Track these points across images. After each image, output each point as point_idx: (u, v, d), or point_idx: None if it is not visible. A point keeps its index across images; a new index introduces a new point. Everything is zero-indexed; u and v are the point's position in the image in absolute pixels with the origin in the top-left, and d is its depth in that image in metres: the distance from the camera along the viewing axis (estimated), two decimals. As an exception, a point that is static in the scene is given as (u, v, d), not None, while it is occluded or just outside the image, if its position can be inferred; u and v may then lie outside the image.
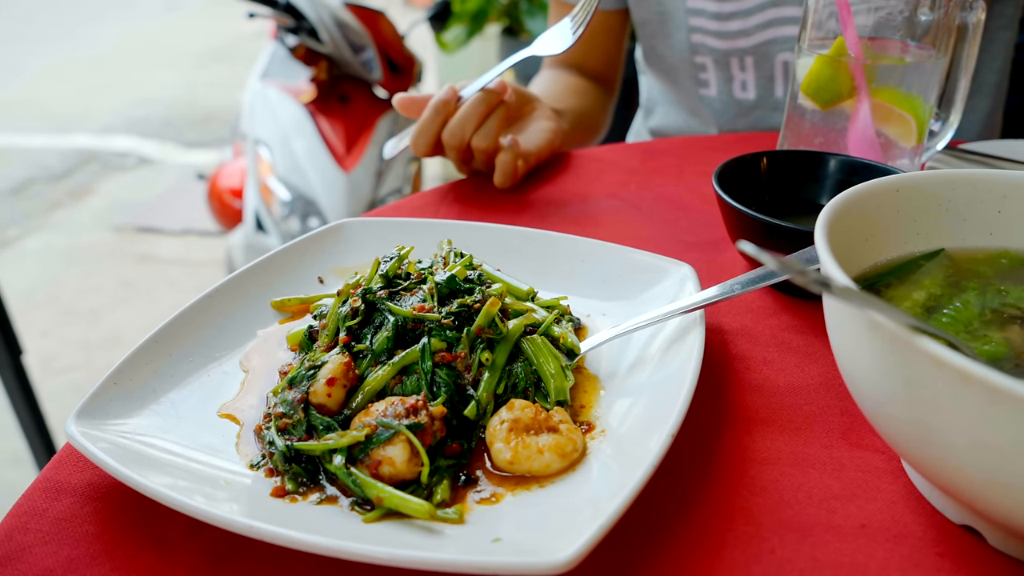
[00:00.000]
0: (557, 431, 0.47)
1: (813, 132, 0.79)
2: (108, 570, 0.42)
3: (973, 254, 0.55)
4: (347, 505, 0.44)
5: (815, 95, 0.76)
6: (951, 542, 0.44)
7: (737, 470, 0.49)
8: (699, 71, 1.15)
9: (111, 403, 0.50)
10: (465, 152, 0.88)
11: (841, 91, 0.74)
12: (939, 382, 0.36)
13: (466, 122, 0.85)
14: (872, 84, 0.73)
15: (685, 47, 1.14)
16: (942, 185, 0.55)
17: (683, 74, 1.17)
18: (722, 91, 1.15)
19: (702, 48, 1.13)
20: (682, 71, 1.16)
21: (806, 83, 0.76)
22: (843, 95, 0.75)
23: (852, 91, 0.74)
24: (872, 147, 0.75)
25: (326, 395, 0.48)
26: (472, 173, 0.94)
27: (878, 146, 0.75)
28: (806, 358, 0.60)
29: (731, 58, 1.11)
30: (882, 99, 0.74)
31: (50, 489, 0.47)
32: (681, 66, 1.16)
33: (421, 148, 0.87)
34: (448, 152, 0.88)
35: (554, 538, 0.39)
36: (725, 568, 0.42)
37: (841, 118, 0.76)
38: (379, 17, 2.37)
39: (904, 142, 0.76)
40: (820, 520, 0.45)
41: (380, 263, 0.56)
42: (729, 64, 1.12)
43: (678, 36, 1.14)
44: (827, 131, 0.78)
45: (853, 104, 0.75)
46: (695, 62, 1.14)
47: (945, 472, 0.39)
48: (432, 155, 0.88)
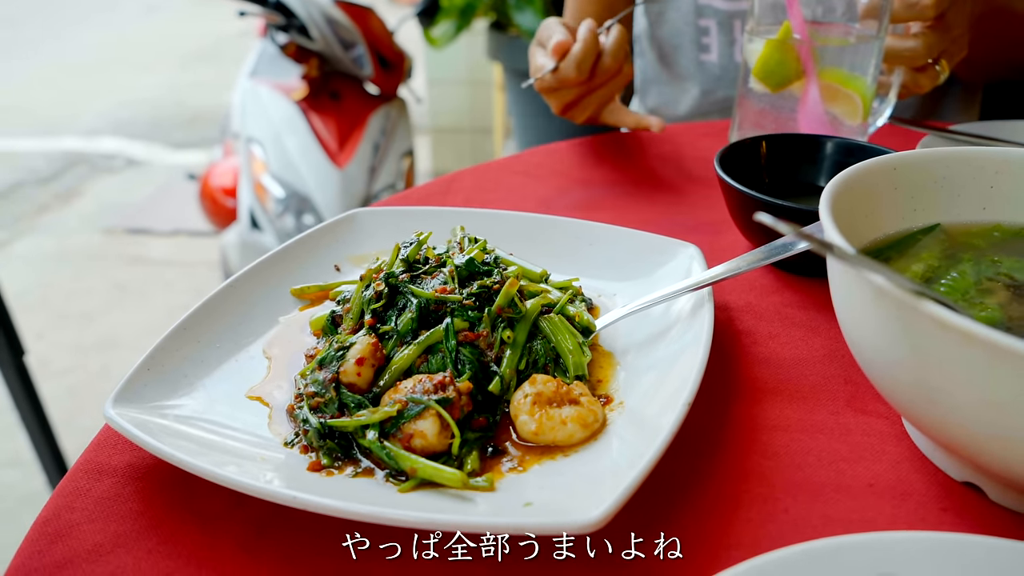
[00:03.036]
0: (578, 403, 0.49)
1: (765, 114, 0.82)
2: (154, 544, 0.44)
3: (968, 228, 0.58)
4: (382, 477, 0.46)
5: (766, 79, 0.79)
6: (953, 498, 0.47)
7: (749, 437, 0.51)
8: (702, 35, 1.19)
9: (146, 387, 0.51)
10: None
11: (790, 74, 0.78)
12: (943, 344, 0.38)
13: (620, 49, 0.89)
14: (819, 65, 0.76)
15: (691, 9, 1.18)
16: (937, 163, 0.58)
17: (686, 39, 1.20)
18: (723, 55, 1.19)
19: (707, 10, 1.16)
20: (685, 36, 1.20)
21: (757, 67, 0.80)
22: (792, 77, 0.78)
23: (800, 73, 0.77)
24: (822, 126, 0.78)
25: (356, 374, 0.50)
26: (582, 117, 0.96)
27: (828, 125, 0.78)
28: (809, 332, 0.62)
29: (735, 20, 1.15)
30: (829, 80, 0.77)
31: (91, 471, 0.49)
32: (685, 31, 1.19)
33: (584, 72, 0.87)
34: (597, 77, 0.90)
35: (581, 501, 0.41)
36: (741, 526, 0.45)
37: (791, 100, 0.80)
38: (369, 14, 2.38)
39: (851, 120, 0.80)
40: (830, 481, 0.48)
41: (400, 248, 0.58)
42: (732, 27, 1.16)
43: (687, 13, 1.18)
44: (779, 112, 0.81)
45: (802, 85, 0.78)
46: (699, 25, 1.18)
47: (949, 430, 0.42)
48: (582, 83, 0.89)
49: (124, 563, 0.43)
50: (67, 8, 7.65)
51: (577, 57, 0.86)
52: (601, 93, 0.93)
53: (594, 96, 0.93)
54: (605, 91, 0.93)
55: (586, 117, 0.96)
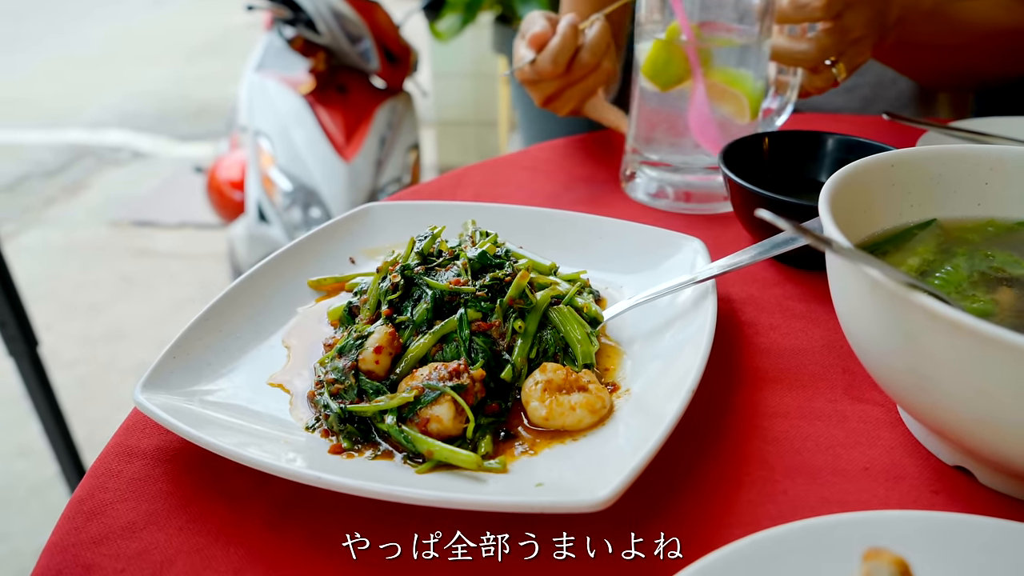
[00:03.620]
0: (587, 390, 0.51)
1: (657, 112, 0.82)
2: (185, 522, 0.46)
3: (963, 223, 0.60)
4: (400, 460, 0.48)
5: (655, 78, 0.80)
6: (945, 481, 0.49)
7: (750, 423, 0.53)
8: None
9: (172, 375, 0.54)
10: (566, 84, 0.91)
11: (678, 73, 0.78)
12: (934, 333, 0.41)
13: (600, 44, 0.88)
14: (706, 65, 0.77)
15: None
16: (933, 160, 0.60)
17: None
18: None
19: None
20: None
21: (646, 67, 0.80)
22: (681, 77, 0.79)
23: (689, 73, 0.78)
24: (711, 125, 0.79)
25: (374, 362, 0.52)
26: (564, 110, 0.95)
27: (716, 125, 0.79)
28: (809, 323, 0.64)
29: None
30: (716, 79, 0.78)
31: (122, 453, 0.51)
32: None
33: (560, 66, 0.87)
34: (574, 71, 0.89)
35: (590, 482, 0.43)
36: (742, 507, 0.47)
37: (681, 99, 0.80)
38: (375, 8, 2.39)
39: (739, 119, 0.80)
40: (827, 464, 0.50)
41: (415, 242, 0.60)
42: None
43: None
44: (670, 111, 0.81)
45: (691, 85, 0.79)
46: None
47: (940, 416, 0.44)
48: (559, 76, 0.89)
49: (156, 539, 0.45)
50: (73, 1, 7.66)
51: (554, 51, 0.87)
52: (582, 87, 0.92)
53: (575, 90, 0.93)
54: (585, 85, 0.92)
55: (568, 110, 0.96)
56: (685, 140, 0.82)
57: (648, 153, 0.83)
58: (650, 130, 0.83)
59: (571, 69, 0.89)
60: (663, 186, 0.83)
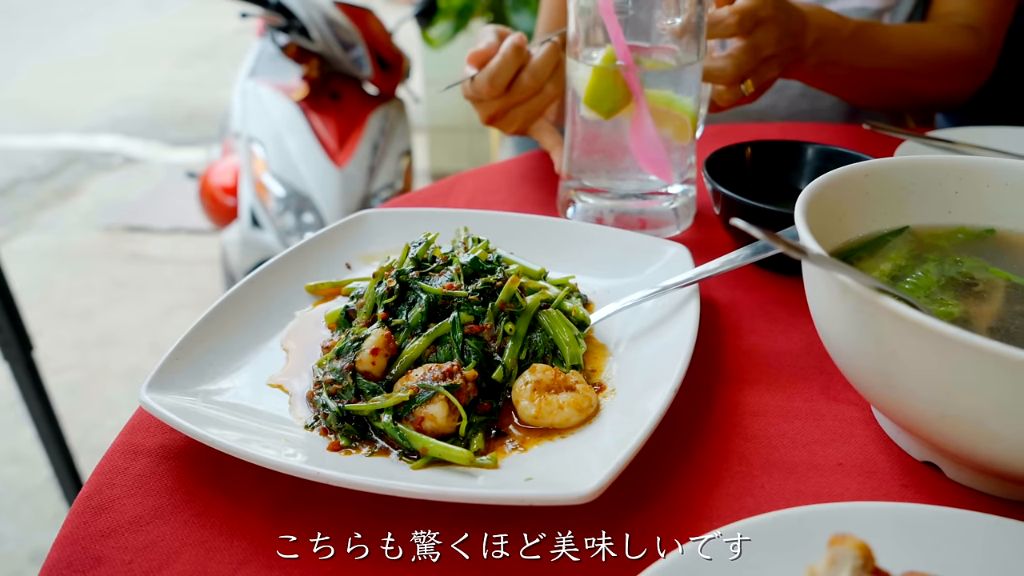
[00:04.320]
0: (574, 390, 0.54)
1: (599, 139, 0.80)
2: (189, 516, 0.48)
3: (934, 230, 0.63)
4: (395, 456, 0.50)
5: (596, 106, 0.77)
6: (914, 475, 0.51)
7: (730, 421, 0.56)
8: None
9: (176, 376, 0.56)
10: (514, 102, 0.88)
11: (620, 99, 0.76)
12: (899, 335, 0.43)
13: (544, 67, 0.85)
14: (645, 89, 0.75)
15: None
16: (906, 171, 0.63)
17: None
18: None
19: None
20: None
21: (587, 96, 0.77)
22: (622, 102, 0.76)
23: (629, 97, 0.76)
24: (656, 148, 0.78)
25: (371, 363, 0.54)
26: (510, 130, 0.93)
27: (661, 146, 0.78)
28: (789, 327, 0.67)
29: None
30: (657, 103, 0.77)
31: (127, 451, 0.53)
32: None
33: (497, 88, 0.85)
34: (514, 94, 0.87)
35: (577, 476, 0.46)
36: (722, 500, 0.49)
37: (624, 124, 0.78)
38: (368, 15, 2.42)
39: (681, 139, 0.79)
40: (803, 460, 0.52)
41: (410, 248, 0.62)
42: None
43: None
44: (612, 137, 0.79)
45: (631, 110, 0.77)
46: None
47: (907, 413, 0.47)
48: (497, 97, 0.87)
49: (163, 532, 0.47)
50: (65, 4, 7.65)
51: (491, 71, 0.84)
52: (526, 108, 0.89)
53: (518, 111, 0.89)
54: (529, 107, 0.89)
55: (513, 130, 0.92)
56: (625, 165, 0.80)
57: (585, 180, 0.82)
58: (587, 156, 0.81)
59: (511, 90, 0.86)
60: (601, 212, 0.81)
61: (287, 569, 0.45)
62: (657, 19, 0.76)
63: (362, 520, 0.47)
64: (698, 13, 0.75)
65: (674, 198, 0.81)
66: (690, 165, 0.81)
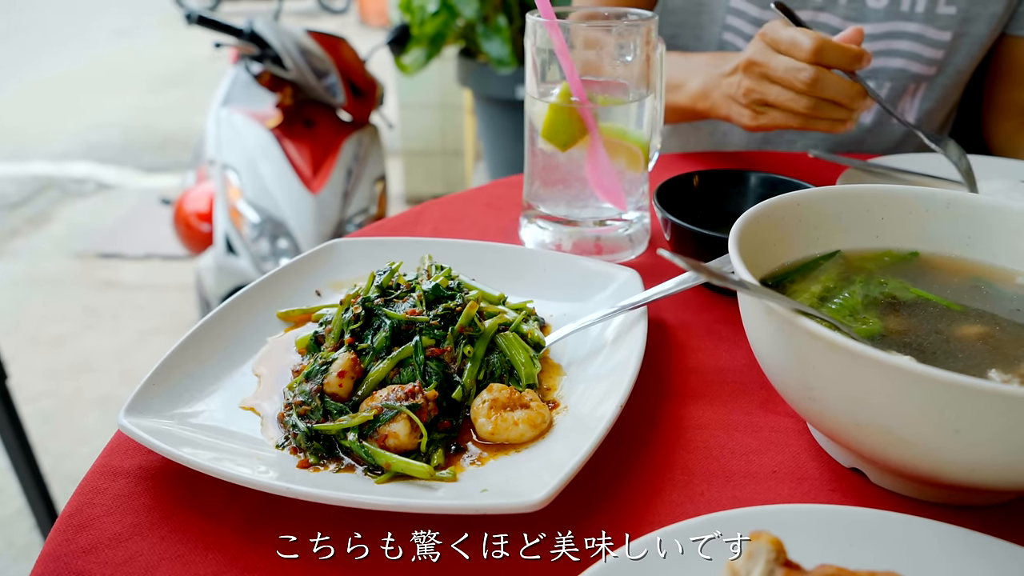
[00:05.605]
0: (529, 407, 0.58)
1: (557, 171, 0.84)
2: (166, 532, 0.51)
3: (863, 254, 0.68)
4: (361, 472, 0.54)
5: (553, 139, 0.81)
6: (841, 481, 0.56)
7: (675, 434, 0.60)
8: None
9: (152, 400, 0.59)
10: None
11: (575, 132, 0.81)
12: (816, 351, 0.48)
13: None
14: (600, 123, 0.80)
15: (715, 44, 1.21)
16: (835, 200, 0.68)
17: None
18: None
19: (729, 47, 1.20)
20: None
21: (545, 130, 0.81)
22: (577, 135, 0.81)
23: (584, 131, 0.80)
24: (610, 177, 0.82)
25: (338, 385, 0.58)
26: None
27: (615, 176, 0.82)
28: (734, 345, 0.72)
29: None
30: (610, 135, 0.81)
31: (107, 472, 0.56)
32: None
33: None
34: None
35: (529, 486, 0.50)
36: (664, 507, 0.53)
37: (580, 156, 0.82)
38: (341, 43, 2.47)
39: (634, 169, 0.84)
40: (740, 469, 0.57)
41: (375, 276, 0.66)
42: None
43: (711, 30, 1.21)
44: (570, 168, 0.83)
45: (587, 142, 0.81)
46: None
47: (827, 422, 0.51)
48: None
49: (141, 548, 0.50)
50: (36, 31, 7.64)
51: None
52: None
53: None
54: None
55: None
56: (581, 194, 0.85)
57: (544, 208, 0.86)
58: (546, 186, 0.86)
59: None
60: (560, 239, 0.85)
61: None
62: (610, 57, 0.81)
63: (329, 531, 0.51)
64: (647, 51, 0.81)
65: (629, 224, 0.86)
66: (643, 193, 0.86)
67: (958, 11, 1.15)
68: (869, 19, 1.17)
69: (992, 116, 1.31)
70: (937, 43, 1.18)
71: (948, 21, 1.16)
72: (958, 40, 1.18)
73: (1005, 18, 1.19)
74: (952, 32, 1.17)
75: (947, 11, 1.15)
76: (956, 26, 1.17)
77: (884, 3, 1.16)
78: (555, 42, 0.78)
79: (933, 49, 1.18)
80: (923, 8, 1.15)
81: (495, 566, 0.48)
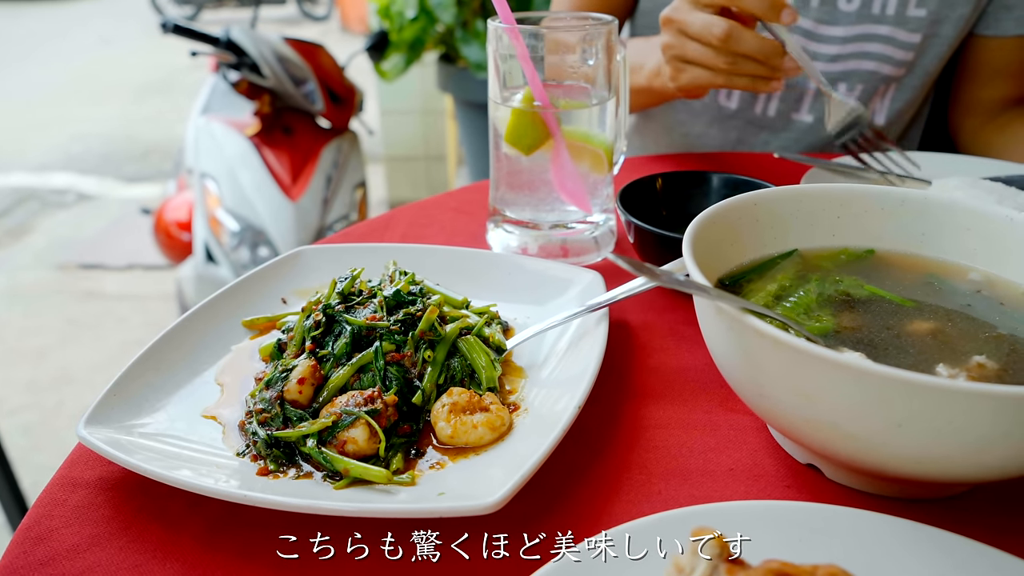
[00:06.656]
0: (488, 410, 0.58)
1: (521, 174, 0.85)
2: (125, 542, 0.51)
3: (819, 252, 0.69)
4: (320, 478, 0.54)
5: (517, 143, 0.82)
6: (797, 477, 0.57)
7: (634, 434, 0.61)
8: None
9: (113, 411, 0.59)
10: None
11: (539, 137, 0.82)
12: (763, 349, 0.49)
13: None
14: (563, 127, 0.81)
15: None
16: (791, 200, 0.69)
17: None
18: (709, 96, 1.24)
19: None
20: None
21: (508, 134, 0.82)
22: (541, 140, 0.81)
23: (548, 136, 0.81)
24: (575, 180, 0.83)
25: (298, 392, 0.58)
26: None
27: (580, 179, 0.83)
28: (695, 345, 0.72)
29: None
30: (574, 139, 0.82)
31: (66, 484, 0.56)
32: None
33: None
34: None
35: (486, 488, 0.50)
36: (622, 507, 0.54)
37: (544, 160, 0.83)
38: (318, 50, 2.47)
39: (598, 172, 0.85)
40: (698, 468, 0.57)
41: (336, 283, 0.67)
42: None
43: None
44: (534, 172, 0.84)
45: (551, 146, 0.82)
46: None
47: (779, 418, 0.52)
48: None
49: (99, 559, 0.50)
50: (16, 40, 7.58)
51: None
52: None
53: None
54: None
55: None
56: (547, 197, 0.85)
57: (510, 212, 0.87)
58: (511, 190, 0.86)
59: None
60: (526, 243, 0.86)
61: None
62: (571, 62, 0.82)
63: (288, 537, 0.51)
64: (609, 55, 0.81)
65: (595, 227, 0.87)
66: (608, 196, 0.87)
67: (928, 13, 1.17)
68: (841, 22, 1.19)
69: (958, 113, 1.33)
70: (907, 45, 1.20)
71: (918, 23, 1.18)
72: (927, 41, 1.20)
73: (972, 19, 1.21)
74: (922, 34, 1.19)
75: (917, 13, 1.17)
76: (925, 28, 1.18)
77: (856, 6, 1.17)
78: (516, 47, 0.78)
79: (903, 51, 1.20)
80: (894, 11, 1.17)
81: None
